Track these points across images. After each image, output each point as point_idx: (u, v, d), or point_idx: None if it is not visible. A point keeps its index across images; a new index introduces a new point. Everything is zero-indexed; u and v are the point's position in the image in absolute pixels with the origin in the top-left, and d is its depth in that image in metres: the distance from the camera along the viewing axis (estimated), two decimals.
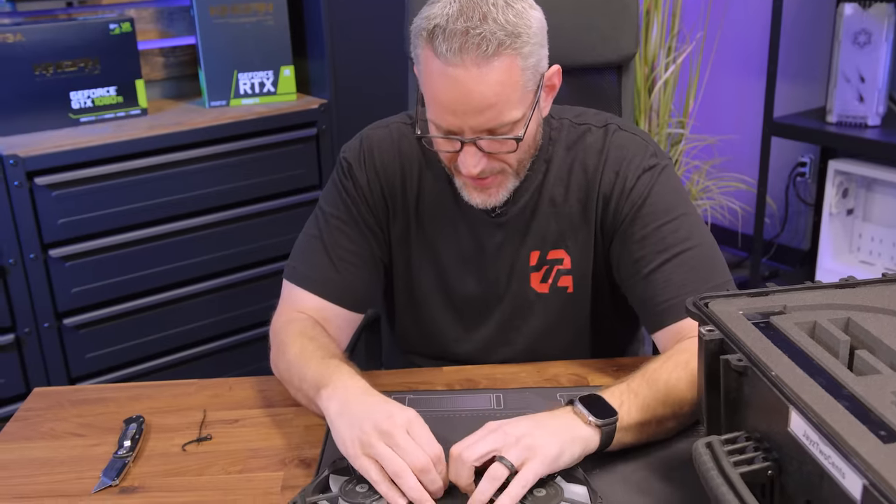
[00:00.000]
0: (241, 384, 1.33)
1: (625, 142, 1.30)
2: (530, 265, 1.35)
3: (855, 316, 0.94)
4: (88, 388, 1.36)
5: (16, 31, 2.21)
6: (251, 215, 2.46)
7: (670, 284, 1.23)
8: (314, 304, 1.31)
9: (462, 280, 1.38)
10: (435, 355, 1.43)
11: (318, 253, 1.33)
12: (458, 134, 1.17)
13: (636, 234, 1.27)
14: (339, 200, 1.35)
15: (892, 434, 0.75)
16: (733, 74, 3.44)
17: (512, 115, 1.15)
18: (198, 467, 1.13)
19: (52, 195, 2.16)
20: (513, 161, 1.23)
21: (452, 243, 1.36)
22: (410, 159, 1.35)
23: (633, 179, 1.27)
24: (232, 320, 2.52)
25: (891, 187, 2.86)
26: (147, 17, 2.60)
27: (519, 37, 1.12)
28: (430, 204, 1.36)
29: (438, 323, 1.41)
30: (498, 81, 1.12)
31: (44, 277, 2.19)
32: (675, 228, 1.25)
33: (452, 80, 1.11)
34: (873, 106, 2.77)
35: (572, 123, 1.34)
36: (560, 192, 1.32)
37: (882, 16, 2.70)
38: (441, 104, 1.15)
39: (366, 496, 1.00)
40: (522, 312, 1.38)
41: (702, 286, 1.19)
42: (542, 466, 0.97)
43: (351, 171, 1.35)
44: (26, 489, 1.10)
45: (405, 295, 1.42)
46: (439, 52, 1.11)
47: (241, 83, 2.53)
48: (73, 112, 2.34)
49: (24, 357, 2.21)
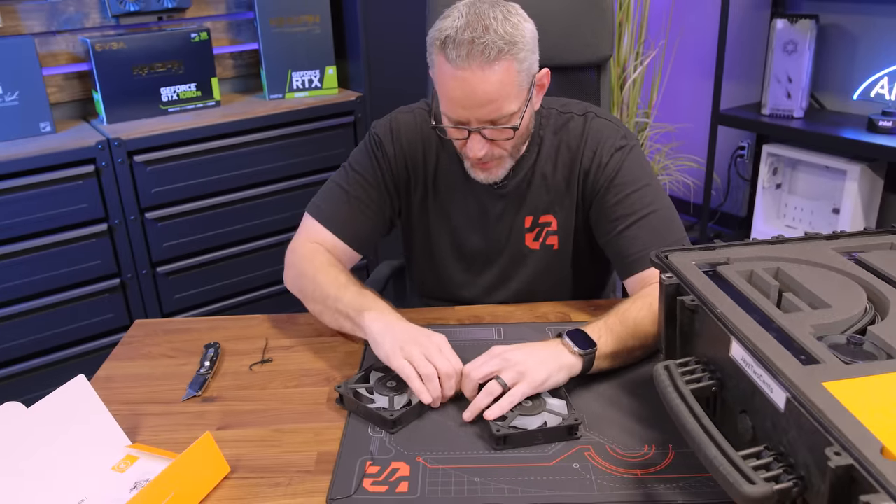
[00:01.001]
0: (296, 318, 1.33)
1: (601, 126, 1.29)
2: (525, 227, 1.34)
3: (783, 266, 0.94)
4: (177, 321, 1.37)
5: (119, 40, 2.20)
6: (301, 186, 2.45)
7: (637, 240, 1.22)
8: (329, 239, 1.31)
9: (470, 238, 1.37)
10: (446, 298, 1.43)
11: (340, 201, 1.32)
12: (465, 124, 1.16)
13: (610, 200, 1.26)
14: (368, 163, 1.33)
15: (810, 358, 0.75)
16: (688, 75, 3.40)
17: (510, 108, 1.14)
18: (262, 383, 1.14)
19: (147, 170, 2.16)
20: (509, 147, 1.22)
21: (462, 209, 1.36)
22: (429, 140, 1.34)
23: (607, 157, 1.26)
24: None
25: (811, 167, 2.83)
26: (220, 28, 2.58)
27: (515, 44, 1.11)
28: (444, 177, 1.35)
29: (450, 271, 1.41)
30: (498, 81, 1.11)
31: (141, 235, 2.20)
32: (641, 196, 1.24)
33: (461, 80, 1.11)
34: (798, 102, 2.74)
35: (559, 112, 1.32)
36: (549, 168, 1.31)
37: (806, 29, 2.66)
38: (452, 100, 1.14)
39: (393, 390, 1.04)
40: (517, 264, 1.37)
41: (662, 242, 1.18)
42: (529, 388, 0.99)
43: (381, 143, 1.33)
44: (131, 397, 1.11)
45: (424, 250, 1.41)
46: (450, 58, 1.10)
47: (295, 80, 2.51)
48: (163, 104, 2.32)
49: (127, 296, 2.22)
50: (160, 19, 2.40)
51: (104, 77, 2.20)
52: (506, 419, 0.97)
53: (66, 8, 2.28)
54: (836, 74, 2.81)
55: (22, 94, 2.09)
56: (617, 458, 0.93)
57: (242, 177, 2.34)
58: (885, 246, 1.00)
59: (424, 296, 1.49)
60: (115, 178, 2.11)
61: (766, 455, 0.71)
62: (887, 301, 0.86)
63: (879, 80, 2.68)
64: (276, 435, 1.01)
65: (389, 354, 1.05)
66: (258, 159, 2.35)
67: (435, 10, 1.55)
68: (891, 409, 0.67)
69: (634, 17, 3.12)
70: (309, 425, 1.03)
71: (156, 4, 2.34)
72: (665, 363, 0.84)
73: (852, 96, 2.78)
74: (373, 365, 1.10)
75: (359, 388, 1.06)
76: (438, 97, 1.20)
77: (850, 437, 0.63)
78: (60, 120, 2.30)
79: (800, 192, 2.92)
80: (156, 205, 2.20)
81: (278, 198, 2.42)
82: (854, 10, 2.71)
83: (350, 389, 1.05)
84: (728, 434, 0.74)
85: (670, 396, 0.79)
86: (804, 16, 2.66)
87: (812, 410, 0.66)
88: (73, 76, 2.34)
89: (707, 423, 0.74)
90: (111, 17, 2.31)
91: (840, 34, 2.76)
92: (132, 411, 1.07)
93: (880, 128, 2.51)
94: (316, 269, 1.25)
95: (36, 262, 2.04)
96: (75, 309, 2.14)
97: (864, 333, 0.81)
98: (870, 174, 2.64)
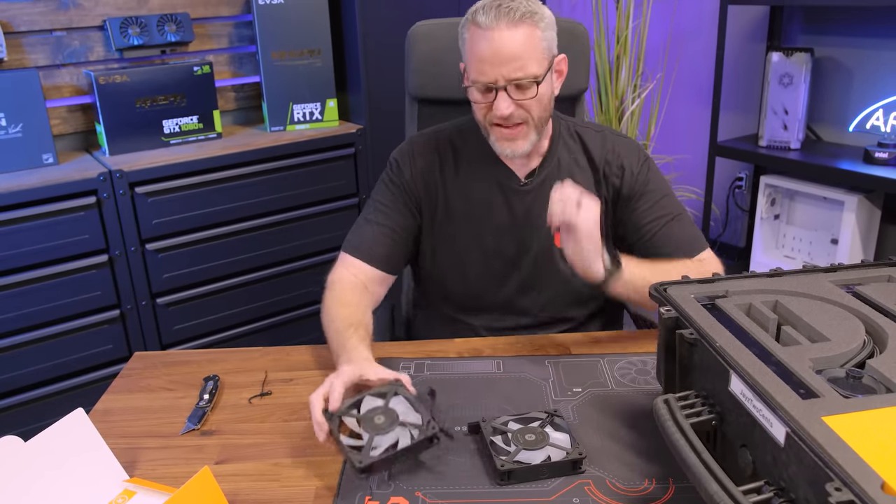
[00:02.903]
0: (295, 351, 1.33)
1: (622, 140, 1.40)
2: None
3: (781, 299, 0.94)
4: (176, 353, 1.36)
5: (122, 73, 2.23)
6: (303, 217, 2.46)
7: (684, 231, 1.35)
8: (359, 265, 1.35)
9: (497, 241, 1.39)
10: (474, 307, 1.44)
11: (365, 230, 1.38)
12: (493, 83, 1.22)
13: (644, 205, 1.36)
14: (387, 190, 1.40)
15: (810, 392, 0.75)
16: (686, 106, 3.43)
17: (533, 69, 1.22)
18: (261, 416, 1.14)
19: (149, 201, 2.17)
20: (534, 111, 1.27)
21: (488, 212, 1.38)
22: (447, 151, 1.40)
23: (637, 167, 1.37)
24: (287, 300, 2.52)
25: (809, 198, 2.84)
26: (222, 61, 2.61)
27: (537, 14, 1.22)
28: (467, 182, 1.39)
29: (477, 275, 1.41)
30: (523, 41, 1.20)
31: (142, 265, 2.20)
32: (670, 200, 1.37)
33: (489, 39, 1.20)
34: (795, 133, 2.76)
35: (575, 124, 1.42)
36: (572, 169, 1.38)
37: (801, 63, 2.69)
38: (481, 60, 1.22)
39: (378, 427, 0.97)
40: (546, 262, 1.39)
41: (698, 234, 1.36)
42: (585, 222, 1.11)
43: (398, 165, 1.40)
44: (129, 430, 1.11)
45: (450, 258, 1.42)
46: (480, 22, 1.21)
47: (296, 112, 2.53)
48: (165, 136, 2.34)
49: (126, 328, 2.22)
50: (163, 53, 2.43)
51: (107, 109, 2.22)
52: (509, 454, 0.96)
53: (71, 42, 2.31)
54: (831, 106, 2.84)
55: (25, 126, 2.11)
56: (617, 492, 0.93)
57: (243, 208, 2.35)
58: (883, 279, 1.01)
59: (450, 303, 1.46)
60: (116, 210, 2.12)
61: (767, 490, 0.71)
62: (885, 334, 0.86)
63: (874, 112, 2.71)
64: (275, 469, 1.01)
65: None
66: (259, 191, 2.36)
67: (414, 43, 1.57)
68: (891, 444, 0.66)
69: (632, 49, 3.16)
70: (308, 459, 1.02)
71: (159, 38, 2.37)
72: (665, 397, 0.84)
73: (848, 128, 2.80)
74: (368, 392, 1.06)
75: (348, 416, 1.00)
76: (468, 68, 1.26)
77: (851, 473, 0.62)
78: (63, 151, 2.32)
79: (798, 223, 2.93)
80: (156, 236, 2.21)
81: (279, 229, 2.42)
82: (848, 44, 2.74)
83: (337, 419, 1.00)
84: (728, 468, 0.73)
85: (670, 430, 0.79)
86: (799, 49, 2.70)
87: (812, 445, 0.66)
88: (76, 108, 2.36)
89: (707, 457, 0.74)
90: (115, 50, 2.34)
91: (835, 67, 2.79)
92: (130, 445, 1.06)
93: (876, 159, 2.53)
94: (328, 306, 1.28)
95: (36, 293, 2.04)
96: (74, 340, 2.13)
97: (863, 367, 0.81)
98: (867, 205, 2.65)
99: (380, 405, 1.01)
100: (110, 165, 2.13)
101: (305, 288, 2.53)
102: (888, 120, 2.67)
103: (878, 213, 2.71)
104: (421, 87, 1.60)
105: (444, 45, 1.55)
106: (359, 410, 1.02)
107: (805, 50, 2.69)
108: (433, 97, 1.60)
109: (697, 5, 3.23)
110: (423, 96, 1.61)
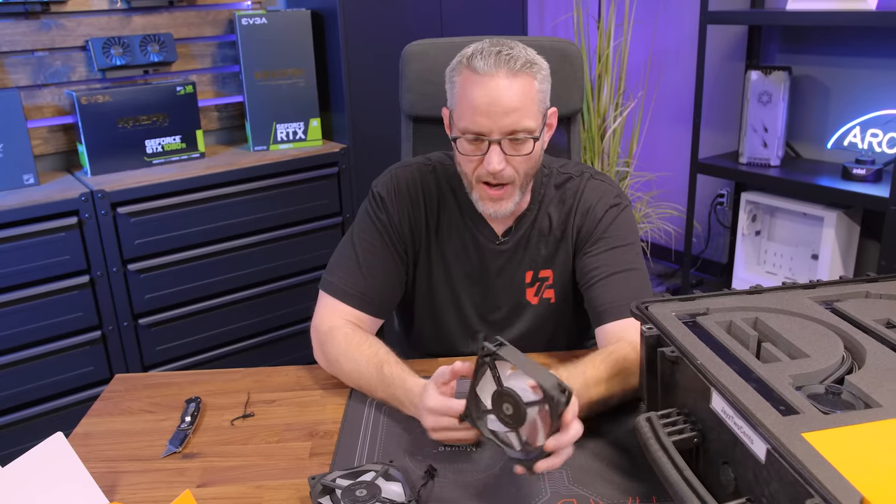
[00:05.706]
0: (278, 372, 1.33)
1: (596, 186, 1.33)
2: (526, 282, 1.35)
3: (762, 316, 0.95)
4: (158, 375, 1.35)
5: (104, 94, 2.22)
6: (286, 237, 2.46)
7: (615, 291, 1.24)
8: (350, 313, 1.29)
9: (470, 293, 1.37)
10: (444, 353, 1.41)
11: (353, 272, 1.30)
12: (486, 135, 1.16)
13: (596, 251, 1.29)
14: (374, 228, 1.32)
15: (790, 409, 0.75)
16: (667, 125, 3.46)
17: (529, 123, 1.16)
18: (243, 438, 1.13)
19: (131, 221, 2.16)
20: (522, 170, 1.21)
21: (464, 264, 1.35)
22: (430, 195, 1.34)
23: (601, 212, 1.30)
24: (270, 321, 2.51)
25: (789, 214, 2.88)
26: (206, 81, 2.61)
27: (536, 65, 1.17)
28: (446, 232, 1.34)
29: (450, 327, 1.40)
30: (521, 92, 1.14)
31: (123, 286, 2.19)
32: (625, 252, 1.28)
33: (487, 87, 1.14)
34: (774, 150, 2.80)
35: (558, 171, 1.35)
36: (547, 224, 1.33)
37: (780, 81, 2.73)
38: (476, 109, 1.15)
39: (356, 501, 0.93)
40: (515, 317, 1.38)
41: (631, 299, 1.18)
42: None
43: (384, 203, 1.32)
44: (110, 454, 1.10)
45: (425, 306, 1.40)
46: (477, 67, 1.14)
47: (279, 132, 2.54)
48: (147, 156, 2.34)
49: (108, 349, 2.20)
50: (146, 73, 2.43)
51: (89, 129, 2.22)
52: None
53: (53, 62, 2.30)
54: (810, 124, 2.88)
55: (6, 146, 2.10)
56: None
57: (226, 228, 2.34)
58: (861, 294, 1.02)
59: (422, 350, 1.47)
60: (98, 230, 2.10)
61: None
62: (864, 350, 0.87)
63: (852, 129, 2.75)
64: (258, 492, 1.00)
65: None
66: (242, 211, 2.35)
67: (408, 62, 1.58)
68: (870, 460, 0.67)
69: (613, 68, 3.19)
70: (291, 481, 1.01)
71: (142, 58, 2.37)
72: (647, 415, 0.84)
73: (826, 145, 2.84)
74: (362, 466, 1.00)
75: (337, 484, 0.95)
76: (458, 114, 1.19)
77: (831, 489, 0.63)
78: (44, 172, 2.31)
79: (779, 239, 2.96)
80: (138, 256, 2.20)
81: (262, 249, 2.42)
82: (825, 63, 2.79)
83: (319, 487, 0.95)
84: (711, 486, 0.74)
85: (653, 448, 0.79)
86: (777, 68, 2.74)
87: (792, 462, 0.67)
88: (57, 128, 2.35)
89: (689, 475, 0.74)
90: (97, 70, 2.33)
91: (813, 85, 2.84)
92: (111, 468, 1.05)
93: (854, 175, 2.56)
94: (347, 350, 1.23)
95: (16, 315, 2.02)
96: (55, 362, 2.11)
97: (842, 383, 0.82)
98: (846, 220, 2.68)
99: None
100: (92, 186, 2.12)
101: (286, 308, 2.51)
102: (865, 137, 2.72)
103: (857, 228, 2.74)
104: (415, 106, 1.61)
105: (437, 65, 1.55)
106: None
107: (783, 68, 2.73)
108: (427, 116, 1.61)
109: (677, 25, 3.27)
110: (417, 115, 1.62)
